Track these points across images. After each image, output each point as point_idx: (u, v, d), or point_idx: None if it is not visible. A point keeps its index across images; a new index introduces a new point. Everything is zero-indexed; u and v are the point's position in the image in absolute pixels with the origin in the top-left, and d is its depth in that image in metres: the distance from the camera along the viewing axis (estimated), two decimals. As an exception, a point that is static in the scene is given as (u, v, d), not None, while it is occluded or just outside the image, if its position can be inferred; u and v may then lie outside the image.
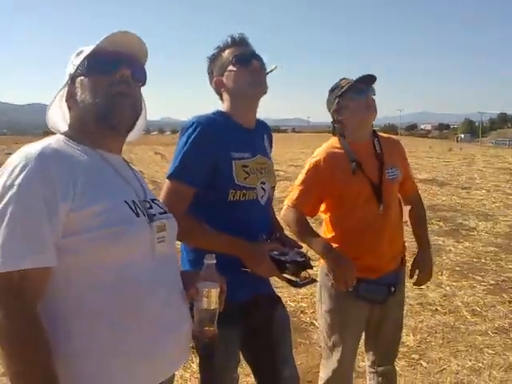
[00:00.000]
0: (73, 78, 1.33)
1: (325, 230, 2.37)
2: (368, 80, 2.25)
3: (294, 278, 1.77)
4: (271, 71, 1.88)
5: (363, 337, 2.46)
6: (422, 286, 4.90)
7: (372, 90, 2.28)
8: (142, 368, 1.20)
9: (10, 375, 1.05)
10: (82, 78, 1.31)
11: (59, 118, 1.42)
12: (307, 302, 4.50)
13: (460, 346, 3.66)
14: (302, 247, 1.91)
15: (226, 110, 1.90)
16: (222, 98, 1.93)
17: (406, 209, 2.52)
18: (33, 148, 1.18)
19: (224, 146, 1.79)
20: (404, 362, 3.44)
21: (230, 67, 1.85)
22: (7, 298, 1.06)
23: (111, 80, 1.28)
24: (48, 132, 1.46)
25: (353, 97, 2.24)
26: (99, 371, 1.15)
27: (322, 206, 2.33)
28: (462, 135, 74.46)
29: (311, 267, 1.78)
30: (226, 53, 1.87)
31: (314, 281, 1.85)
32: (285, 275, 1.77)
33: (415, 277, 2.45)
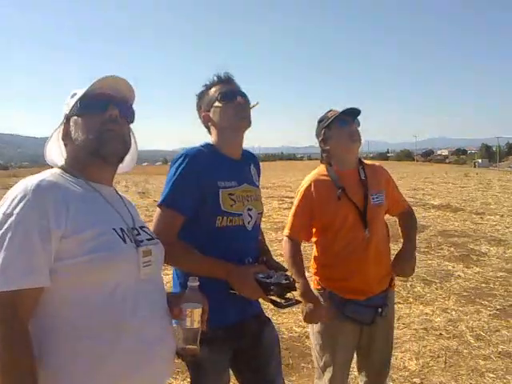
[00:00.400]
0: (68, 117, 1.49)
1: (315, 252, 2.48)
2: (352, 112, 2.40)
3: (278, 300, 1.87)
4: (254, 106, 2.03)
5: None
6: (428, 311, 4.96)
7: (356, 122, 2.42)
8: (122, 382, 1.30)
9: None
10: (76, 117, 1.46)
11: (57, 153, 1.57)
12: (312, 328, 4.54)
13: (462, 370, 3.67)
14: (287, 270, 2.01)
15: (213, 143, 2.05)
16: (210, 132, 2.08)
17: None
18: (30, 181, 1.32)
19: (211, 176, 1.92)
20: (405, 385, 3.47)
21: (216, 103, 2.00)
22: (4, 312, 1.19)
23: (102, 119, 1.44)
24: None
25: (337, 127, 2.40)
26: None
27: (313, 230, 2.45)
28: (480, 160, 73.81)
29: (295, 289, 1.88)
30: (213, 90, 2.03)
31: (298, 302, 1.94)
32: (270, 297, 1.86)
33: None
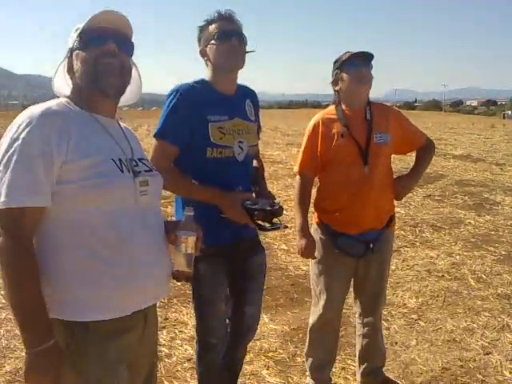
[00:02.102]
0: (71, 51, 1.57)
1: (318, 187, 2.65)
2: (365, 55, 2.46)
3: (263, 224, 2.03)
4: (248, 52, 2.10)
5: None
6: (433, 255, 5.09)
7: (367, 65, 2.48)
8: (117, 296, 1.44)
9: (8, 291, 1.32)
10: (77, 51, 1.54)
11: (64, 84, 1.66)
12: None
13: (459, 308, 3.83)
14: (275, 198, 2.16)
15: (207, 78, 2.15)
16: (207, 65, 2.16)
17: None
18: (36, 109, 1.43)
19: (200, 110, 2.05)
20: (403, 321, 3.65)
21: (213, 41, 2.07)
22: (10, 228, 1.33)
23: (99, 52, 1.51)
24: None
25: (347, 70, 2.47)
26: (78, 295, 1.40)
27: None
28: (510, 112, 71.45)
29: (280, 215, 2.01)
30: (213, 26, 2.09)
31: (285, 227, 2.08)
32: (256, 221, 2.01)
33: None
